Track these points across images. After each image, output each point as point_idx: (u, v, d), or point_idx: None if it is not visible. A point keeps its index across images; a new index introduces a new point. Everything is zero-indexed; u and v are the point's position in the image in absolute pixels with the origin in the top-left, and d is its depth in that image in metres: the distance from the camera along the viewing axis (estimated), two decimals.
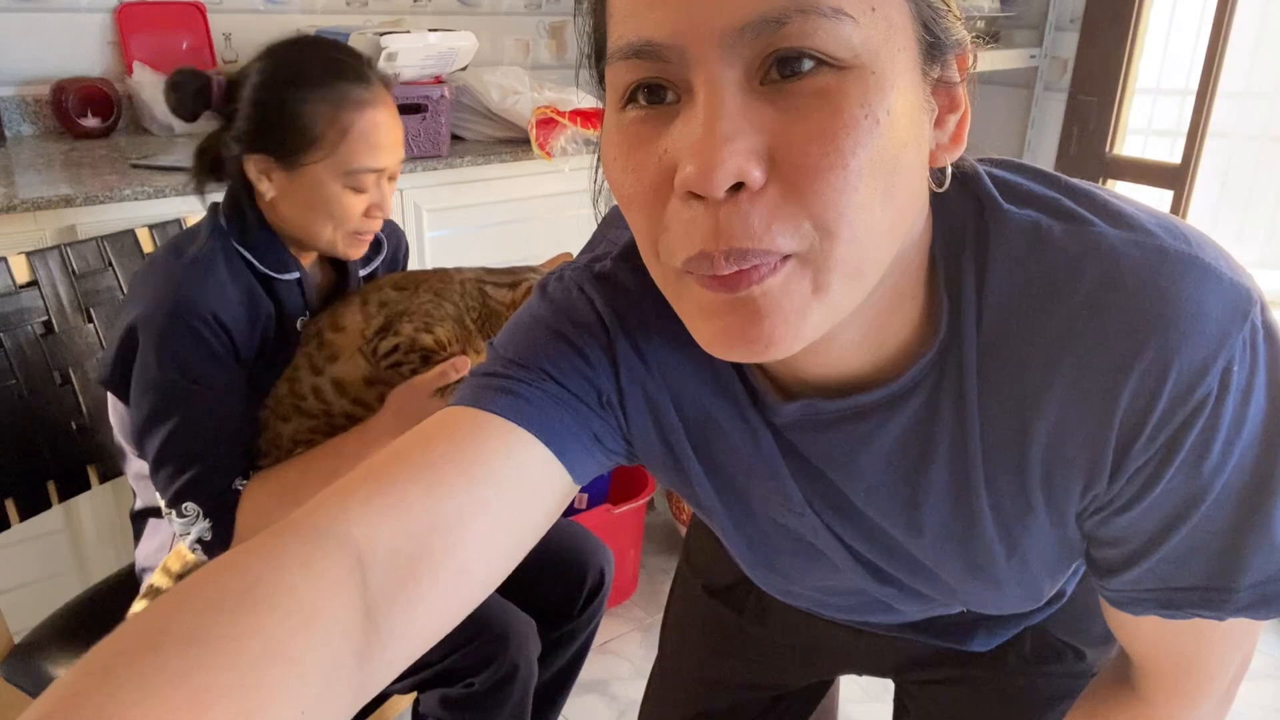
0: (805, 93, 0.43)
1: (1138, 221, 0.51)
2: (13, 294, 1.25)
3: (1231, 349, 0.49)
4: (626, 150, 0.47)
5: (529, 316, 0.64)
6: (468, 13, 2.41)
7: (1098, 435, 0.52)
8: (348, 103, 1.10)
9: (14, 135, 1.95)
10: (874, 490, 0.60)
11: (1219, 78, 2.02)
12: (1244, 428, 0.50)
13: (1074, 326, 0.51)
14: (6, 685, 1.23)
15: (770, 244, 0.43)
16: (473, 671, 1.15)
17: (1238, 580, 0.53)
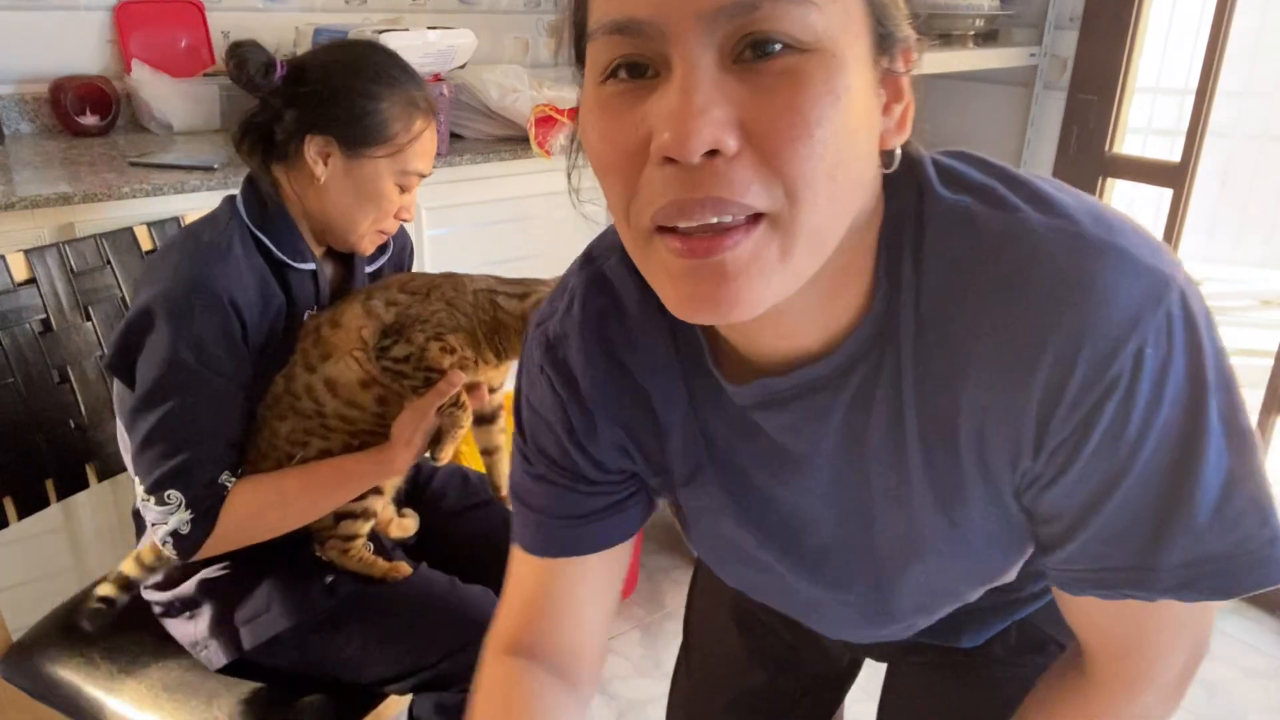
0: (774, 71, 0.46)
1: (1064, 209, 0.54)
2: (11, 292, 1.25)
3: (1144, 332, 0.51)
4: (605, 119, 0.50)
5: (529, 406, 0.73)
6: (466, 11, 2.41)
7: (1018, 410, 0.55)
8: (418, 110, 1.17)
9: (12, 133, 1.95)
10: (827, 466, 0.64)
11: (1219, 77, 2.02)
12: (1160, 410, 0.53)
13: (993, 307, 0.54)
14: (5, 684, 1.23)
15: (745, 197, 0.46)
16: (469, 676, 1.14)
17: (1162, 560, 0.56)
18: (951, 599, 0.71)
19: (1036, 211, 0.54)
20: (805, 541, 0.69)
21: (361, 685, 1.19)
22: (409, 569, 1.23)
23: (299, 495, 1.14)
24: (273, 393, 1.17)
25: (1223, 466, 0.55)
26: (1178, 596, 0.58)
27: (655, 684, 1.92)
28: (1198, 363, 0.53)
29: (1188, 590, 0.57)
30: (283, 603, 1.16)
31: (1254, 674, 2.00)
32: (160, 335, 1.06)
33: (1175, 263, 0.54)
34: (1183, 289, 0.53)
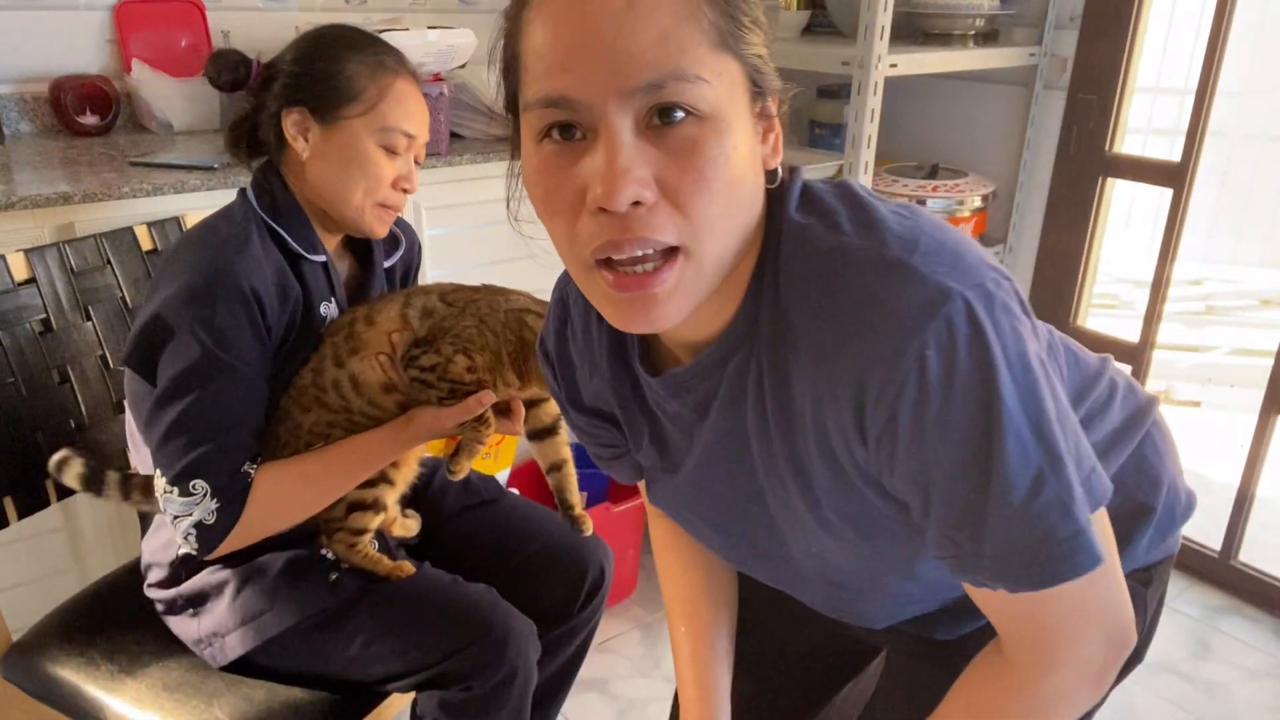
0: (679, 137, 0.60)
1: (880, 232, 0.66)
2: (11, 291, 1.25)
3: (923, 338, 0.61)
4: (546, 176, 0.63)
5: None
6: (466, 10, 2.41)
7: (838, 404, 0.67)
8: (386, 67, 1.18)
9: (12, 133, 1.95)
10: (717, 435, 0.77)
11: (1218, 77, 2.02)
12: (953, 403, 0.62)
13: (814, 316, 0.67)
14: (5, 684, 1.23)
15: (662, 235, 0.61)
16: (472, 675, 1.15)
17: (983, 549, 0.65)
18: (852, 573, 0.81)
19: (858, 235, 0.67)
20: (715, 506, 0.84)
21: (364, 684, 1.19)
22: (412, 568, 1.23)
23: (321, 477, 1.15)
24: (298, 385, 1.18)
25: (1029, 465, 0.63)
26: (1002, 585, 0.67)
27: (655, 684, 1.92)
28: (986, 364, 0.62)
29: (1006, 579, 0.67)
30: (286, 601, 1.16)
31: (1254, 674, 2.01)
32: (184, 328, 1.06)
33: (974, 277, 0.63)
34: (967, 300, 0.62)
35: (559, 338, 0.90)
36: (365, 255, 1.29)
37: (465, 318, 1.20)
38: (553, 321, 0.90)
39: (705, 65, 0.60)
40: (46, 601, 1.32)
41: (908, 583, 0.82)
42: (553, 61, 0.60)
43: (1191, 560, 2.30)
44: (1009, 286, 0.66)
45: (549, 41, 0.60)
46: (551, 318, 0.90)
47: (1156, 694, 1.93)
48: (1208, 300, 3.96)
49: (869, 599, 0.87)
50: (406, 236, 1.35)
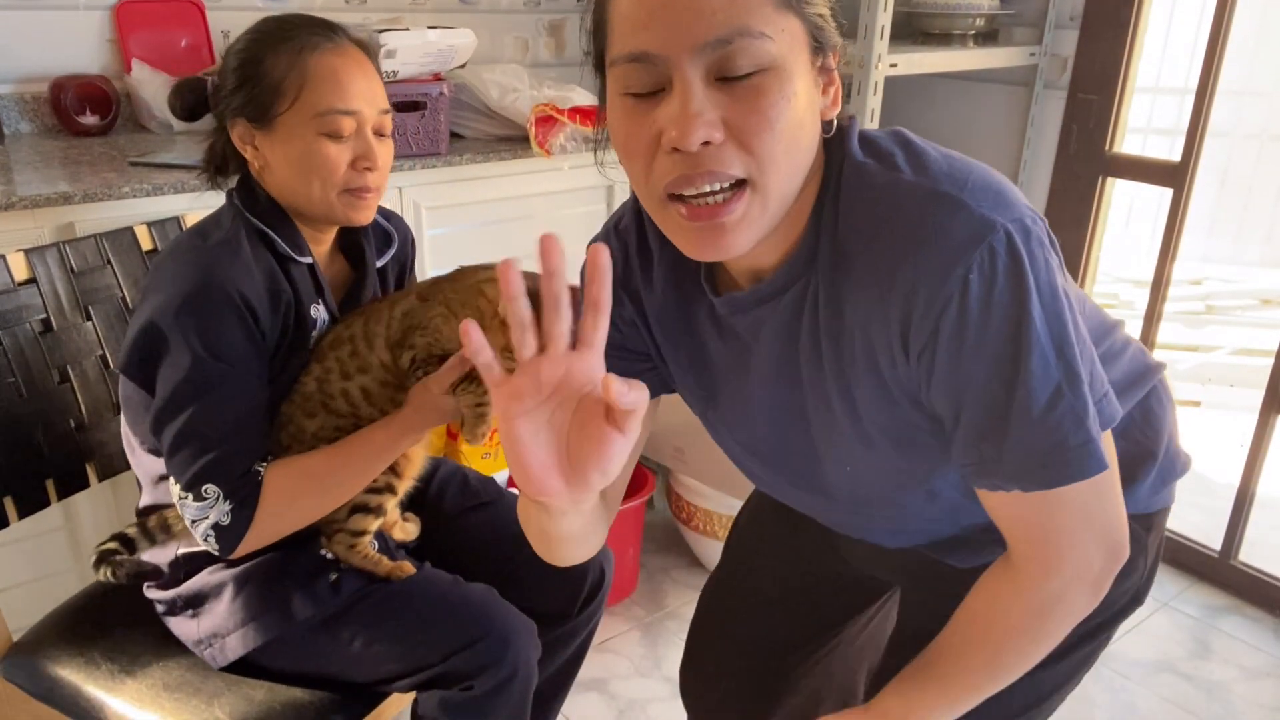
0: (745, 86, 0.68)
1: (931, 170, 0.74)
2: (11, 291, 1.25)
3: (968, 263, 0.69)
4: (628, 121, 0.72)
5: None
6: (467, 10, 2.41)
7: (886, 321, 0.74)
8: (307, 49, 1.11)
9: (12, 133, 1.95)
10: (772, 356, 0.84)
11: (1218, 76, 2.02)
12: (990, 322, 0.70)
13: (869, 244, 0.74)
14: (5, 684, 1.23)
15: (731, 169, 0.69)
16: (472, 675, 1.15)
17: (1004, 452, 0.74)
18: (880, 491, 0.88)
19: (913, 173, 0.74)
20: (757, 429, 0.91)
21: (364, 684, 1.19)
22: (413, 568, 1.23)
23: (327, 473, 1.15)
24: (301, 391, 1.18)
25: (1050, 379, 0.71)
26: (1017, 486, 0.75)
27: (655, 684, 1.92)
28: (1020, 289, 0.70)
29: (1021, 479, 0.75)
30: (286, 602, 1.16)
31: (1254, 674, 2.00)
32: (179, 339, 1.06)
33: (1015, 213, 0.71)
34: (1009, 231, 0.69)
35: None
36: (358, 256, 1.28)
37: (433, 307, 1.21)
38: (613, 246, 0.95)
39: (770, 23, 0.68)
40: (46, 601, 1.32)
41: (929, 504, 0.89)
42: (635, 21, 0.68)
43: (1191, 560, 2.30)
44: (1044, 225, 0.74)
45: (634, 5, 0.69)
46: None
47: (1156, 694, 1.93)
48: (1208, 300, 3.96)
49: (893, 518, 0.94)
50: (399, 231, 1.34)
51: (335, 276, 1.28)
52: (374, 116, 1.15)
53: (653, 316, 0.92)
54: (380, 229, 1.31)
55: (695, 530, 2.21)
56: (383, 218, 1.32)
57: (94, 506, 1.67)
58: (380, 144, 1.17)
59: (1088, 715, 1.88)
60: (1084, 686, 1.92)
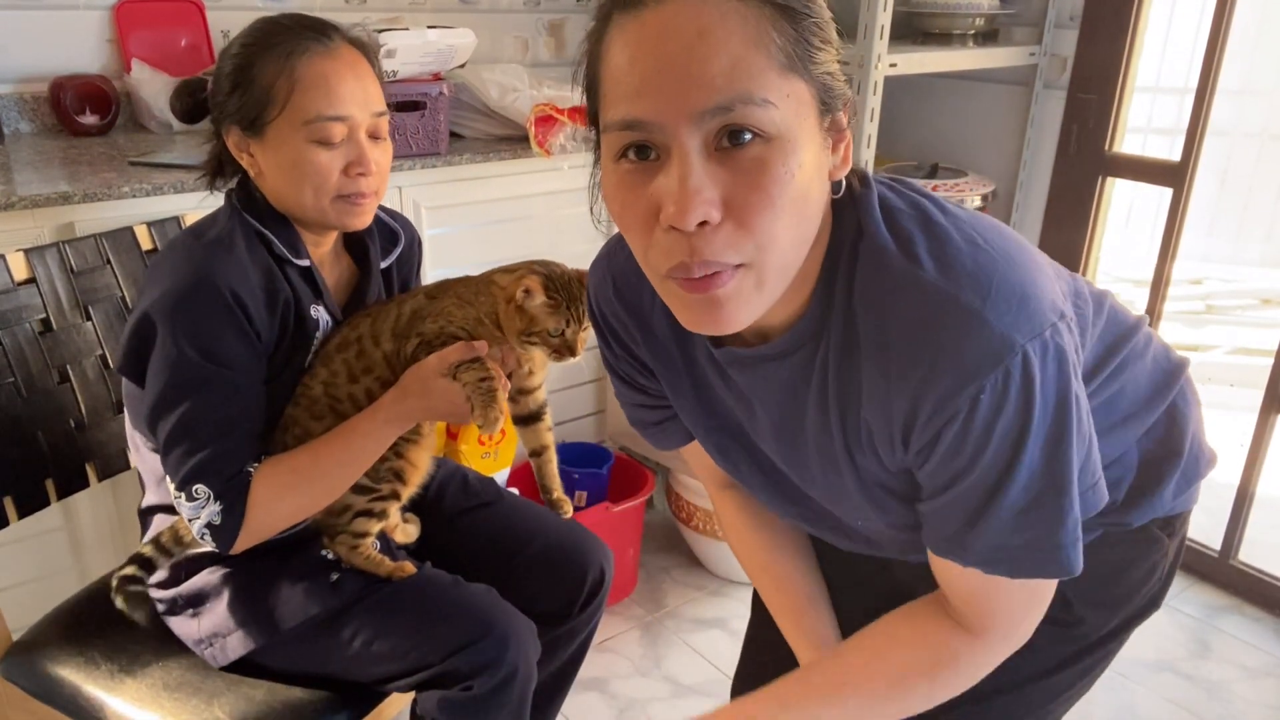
0: (747, 158, 0.64)
1: (955, 269, 0.71)
2: (11, 291, 1.25)
3: (981, 384, 0.69)
4: (623, 192, 0.68)
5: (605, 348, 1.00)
6: (466, 10, 2.41)
7: (888, 417, 0.75)
8: (296, 54, 1.09)
9: (12, 133, 1.95)
10: (774, 414, 0.85)
11: (1218, 76, 2.02)
12: (989, 443, 0.71)
13: (884, 340, 0.73)
14: (6, 684, 1.23)
15: (728, 258, 0.66)
16: (472, 674, 1.15)
17: (971, 542, 0.76)
18: (884, 529, 0.88)
19: (935, 271, 0.71)
20: (763, 462, 0.92)
21: (364, 683, 1.19)
22: (414, 568, 1.23)
23: (312, 467, 1.14)
24: (308, 395, 1.18)
25: (1033, 489, 0.73)
26: (983, 569, 0.77)
27: (655, 683, 1.92)
28: (1027, 412, 0.70)
29: (989, 565, 0.77)
30: (287, 601, 1.16)
31: (1254, 673, 2.00)
32: (167, 336, 1.06)
33: (1037, 326, 0.70)
34: (1026, 354, 0.69)
35: (607, 302, 0.94)
36: (363, 255, 1.28)
37: (444, 300, 1.21)
38: (599, 289, 0.95)
39: (773, 89, 0.64)
40: (46, 601, 1.32)
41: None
42: (629, 87, 0.65)
43: (1191, 560, 2.30)
44: (1067, 320, 0.73)
45: (626, 68, 0.65)
46: (599, 286, 0.95)
47: (1156, 694, 1.93)
48: (1208, 300, 3.96)
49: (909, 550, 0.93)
50: (406, 232, 1.33)
51: (340, 277, 1.27)
52: (367, 120, 1.13)
53: (652, 345, 0.92)
54: (386, 228, 1.30)
55: (695, 530, 2.21)
56: (389, 217, 1.32)
57: (94, 506, 1.67)
58: (376, 147, 1.15)
59: (1088, 715, 1.88)
60: None
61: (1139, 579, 0.97)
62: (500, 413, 1.14)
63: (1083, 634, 0.96)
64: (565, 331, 1.17)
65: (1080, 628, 0.95)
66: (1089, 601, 0.95)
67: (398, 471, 1.24)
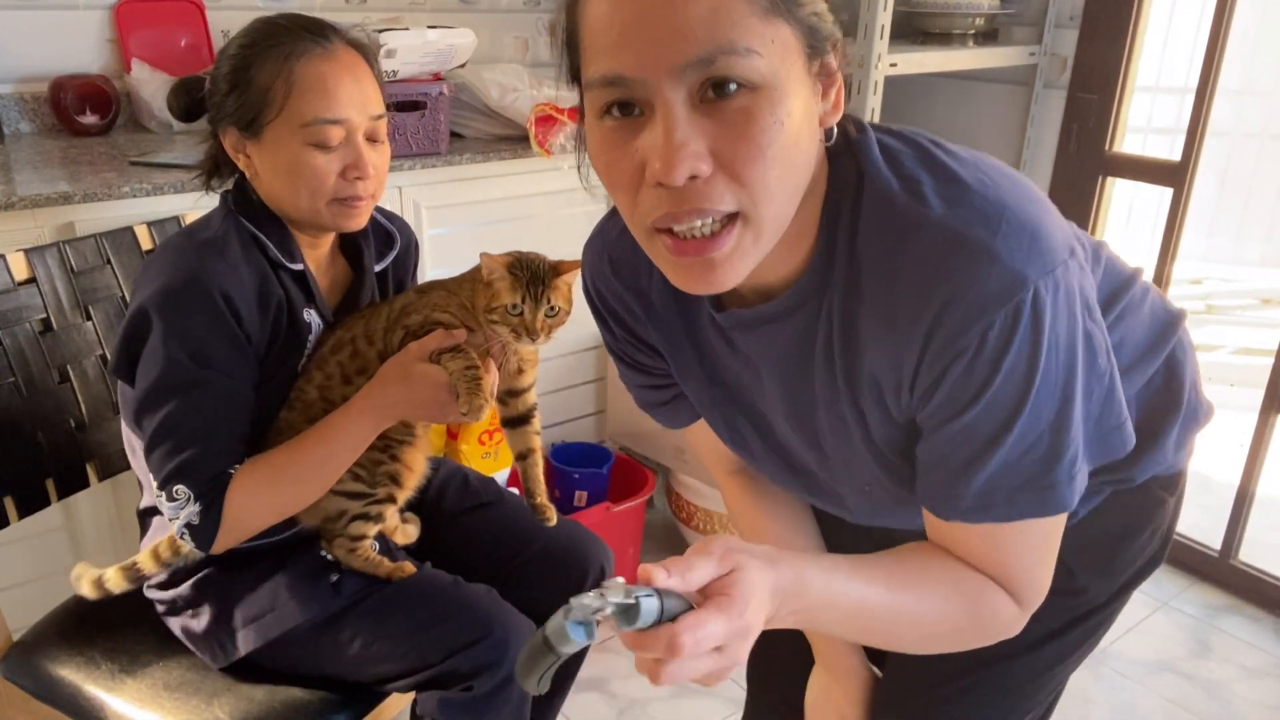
0: (732, 109, 0.62)
1: (963, 205, 0.69)
2: (11, 291, 1.25)
3: (990, 320, 0.67)
4: (608, 150, 0.66)
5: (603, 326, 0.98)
6: (466, 10, 2.41)
7: (896, 362, 0.73)
8: (294, 56, 1.08)
9: (12, 133, 1.95)
10: (781, 374, 0.83)
11: (1218, 75, 2.02)
12: (994, 380, 0.69)
13: (892, 282, 0.70)
14: (6, 683, 1.23)
15: (720, 205, 0.64)
16: (472, 675, 1.15)
17: (961, 490, 0.74)
18: (890, 496, 0.86)
19: (943, 207, 0.69)
20: (770, 434, 0.90)
21: (364, 684, 1.19)
22: (413, 568, 1.23)
23: (289, 464, 1.13)
24: (303, 398, 1.18)
25: (1036, 429, 0.71)
26: (977, 515, 0.75)
27: None
28: (1035, 350, 0.68)
29: (983, 511, 0.75)
30: (287, 602, 1.16)
31: (1254, 673, 2.00)
32: (155, 335, 1.06)
33: (1049, 262, 0.67)
34: (1038, 290, 0.67)
35: (604, 280, 0.92)
36: (357, 258, 1.27)
37: (432, 294, 1.21)
38: (594, 268, 0.93)
39: (755, 35, 0.61)
40: (46, 601, 1.32)
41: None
42: (608, 41, 0.63)
43: (1191, 560, 2.30)
44: (1079, 259, 0.71)
45: (605, 20, 0.63)
46: (594, 264, 0.92)
47: (1156, 693, 1.93)
48: (1208, 299, 3.96)
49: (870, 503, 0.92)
50: (402, 235, 1.32)
51: (336, 278, 1.27)
52: (365, 123, 1.12)
53: (653, 318, 0.90)
54: (382, 230, 1.30)
55: (695, 530, 2.21)
56: (386, 219, 1.31)
57: (94, 506, 1.67)
58: (373, 150, 1.14)
59: (1088, 715, 1.88)
60: (1084, 686, 1.93)
61: (1141, 544, 0.97)
62: (485, 400, 1.13)
63: (1086, 601, 0.96)
64: (524, 310, 1.14)
65: (1083, 596, 0.96)
66: (1092, 570, 0.95)
67: (393, 475, 1.24)
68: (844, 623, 0.76)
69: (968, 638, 0.81)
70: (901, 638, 0.80)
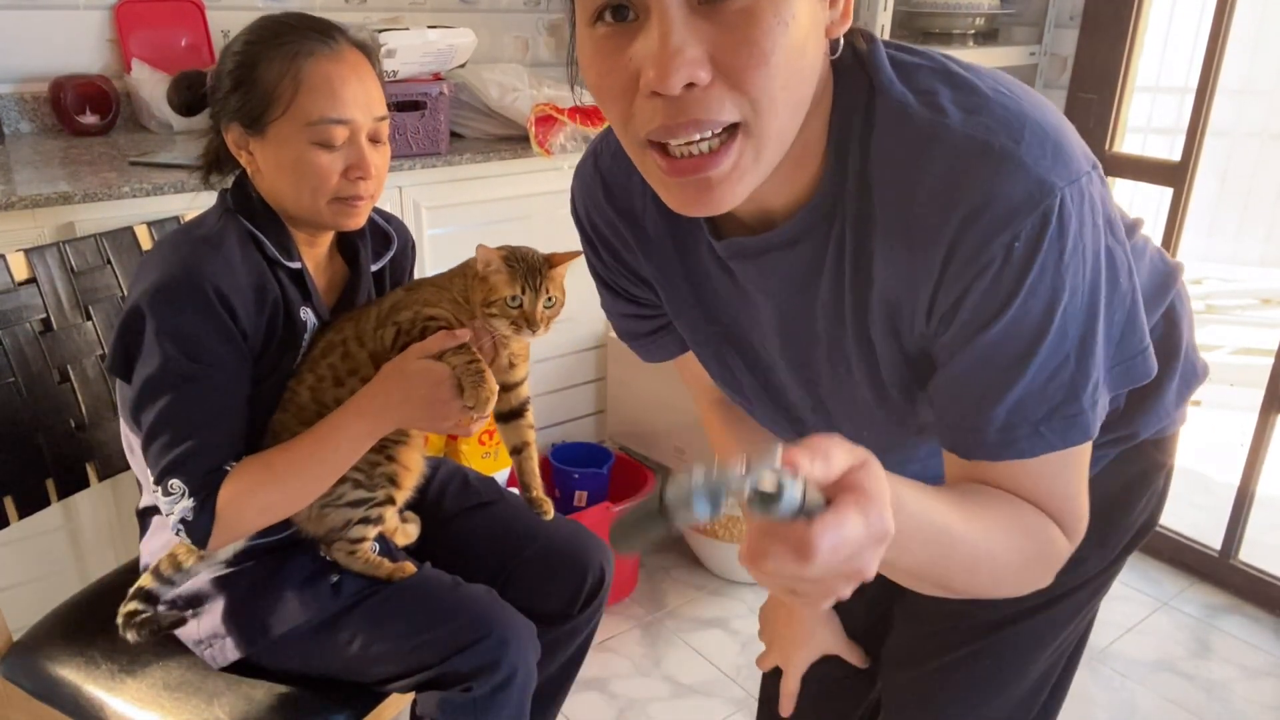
0: (733, 9, 0.57)
1: (985, 115, 0.65)
2: (11, 291, 1.25)
3: (1016, 229, 0.63)
4: (600, 59, 0.61)
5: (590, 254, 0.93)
6: (466, 10, 2.41)
7: (913, 284, 0.68)
8: (302, 55, 1.09)
9: (12, 133, 1.95)
10: (780, 307, 0.78)
11: (1218, 75, 2.02)
12: (1019, 295, 0.64)
13: (911, 200, 0.66)
14: (6, 683, 1.23)
15: (720, 115, 0.59)
16: (472, 675, 1.15)
17: (985, 420, 0.69)
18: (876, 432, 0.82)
19: (962, 117, 0.65)
20: (764, 372, 0.86)
21: (364, 684, 1.19)
22: (414, 568, 1.23)
23: (286, 465, 1.13)
24: (295, 401, 1.17)
25: (1063, 349, 0.67)
26: (1001, 450, 0.70)
27: (655, 683, 1.92)
28: (1060, 261, 0.64)
29: (1007, 445, 0.69)
30: (288, 603, 1.16)
31: (1254, 673, 2.01)
32: (150, 331, 1.06)
33: (1073, 170, 0.64)
34: (1064, 197, 0.63)
35: (594, 204, 0.87)
36: (354, 258, 1.28)
37: (421, 290, 1.21)
38: (585, 190, 0.88)
39: None
40: (46, 601, 1.32)
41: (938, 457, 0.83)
42: None
43: (1191, 560, 2.30)
44: (1099, 173, 0.67)
45: None
46: (586, 187, 0.87)
47: (1156, 693, 1.93)
48: (1208, 299, 3.96)
49: (903, 462, 0.86)
50: (399, 236, 1.33)
51: (333, 277, 1.27)
52: (369, 124, 1.13)
53: (647, 247, 0.85)
54: (379, 230, 1.30)
55: (695, 530, 2.21)
56: (383, 219, 1.31)
57: (94, 506, 1.67)
58: (375, 150, 1.15)
59: (1088, 714, 1.88)
60: (1084, 686, 1.93)
61: (1138, 511, 0.97)
62: (491, 392, 1.13)
63: (1085, 570, 0.96)
64: (523, 301, 1.15)
65: (1083, 565, 0.95)
66: (1092, 541, 0.93)
67: (390, 475, 1.23)
68: (926, 548, 0.66)
69: (1034, 572, 0.76)
70: (977, 571, 0.72)
